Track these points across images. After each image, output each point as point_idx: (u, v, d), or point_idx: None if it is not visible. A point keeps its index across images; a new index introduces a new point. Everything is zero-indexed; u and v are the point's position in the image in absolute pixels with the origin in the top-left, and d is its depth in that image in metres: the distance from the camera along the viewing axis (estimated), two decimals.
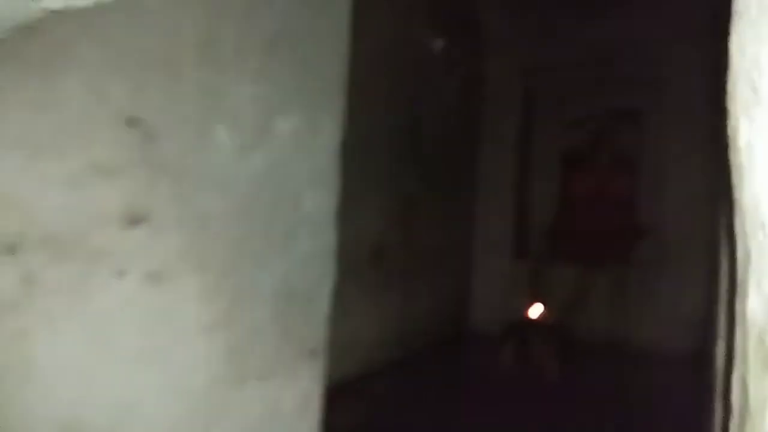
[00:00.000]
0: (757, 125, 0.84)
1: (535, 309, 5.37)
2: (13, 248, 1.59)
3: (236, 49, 2.08)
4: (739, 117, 0.87)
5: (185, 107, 1.95)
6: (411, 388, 4.31)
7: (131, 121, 1.81)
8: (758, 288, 0.81)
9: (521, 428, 3.86)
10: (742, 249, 0.88)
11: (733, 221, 0.92)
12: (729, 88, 0.91)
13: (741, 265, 0.89)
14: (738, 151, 0.88)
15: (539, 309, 5.37)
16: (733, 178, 0.91)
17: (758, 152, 0.83)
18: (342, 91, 2.63)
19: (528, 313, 5.40)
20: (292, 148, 2.37)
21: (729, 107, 0.91)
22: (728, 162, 0.93)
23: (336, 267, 2.54)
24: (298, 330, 2.30)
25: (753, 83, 0.83)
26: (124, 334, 1.81)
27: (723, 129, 0.95)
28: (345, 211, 2.64)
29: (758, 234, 0.82)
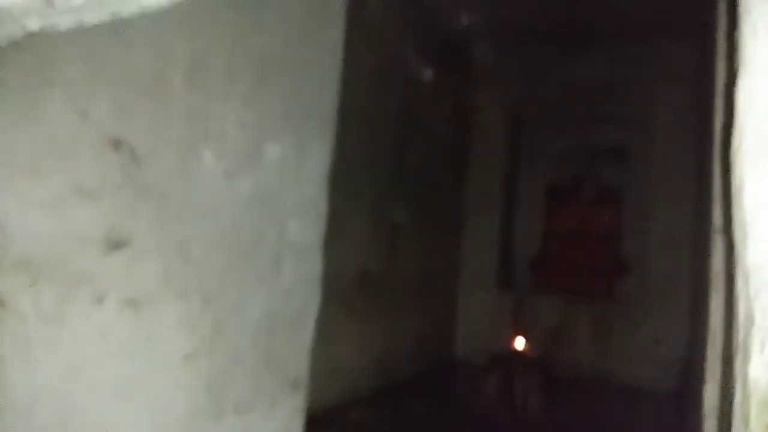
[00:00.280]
0: (765, 183, 0.82)
1: (519, 341, 5.34)
2: None
3: (226, 74, 2.06)
4: (746, 172, 0.86)
5: (172, 130, 1.92)
6: (393, 418, 4.24)
7: (116, 144, 1.77)
8: (762, 353, 0.79)
9: None
10: (744, 309, 0.86)
11: (734, 279, 0.90)
12: (734, 143, 0.89)
13: (742, 326, 0.86)
14: (743, 208, 0.86)
15: (523, 341, 5.35)
16: (736, 235, 0.89)
17: (765, 207, 0.81)
18: (332, 119, 2.62)
19: (512, 345, 5.37)
20: (280, 175, 2.34)
21: (734, 162, 0.89)
22: (729, 216, 0.91)
23: (320, 295, 2.50)
24: (280, 360, 2.25)
25: (762, 137, 0.81)
26: (102, 362, 1.75)
27: (710, 174, 0.93)
28: (330, 238, 2.61)
29: (763, 296, 0.80)
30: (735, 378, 0.91)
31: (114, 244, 1.76)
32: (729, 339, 1.22)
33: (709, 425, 1.89)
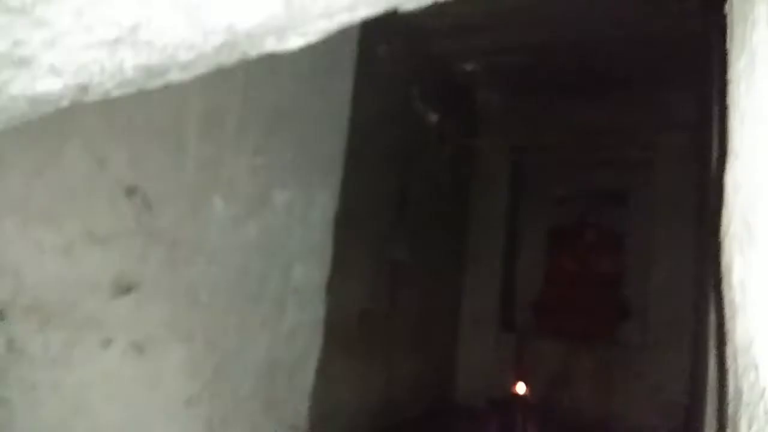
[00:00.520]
0: (751, 265, 0.85)
1: (520, 386, 5.31)
2: (1, 315, 1.57)
3: (238, 125, 2.12)
4: (734, 255, 0.89)
5: (184, 178, 1.97)
6: None
7: (130, 191, 1.83)
8: (750, 429, 0.81)
9: None
10: (734, 386, 0.88)
11: (725, 353, 0.92)
12: (723, 225, 0.93)
13: (732, 402, 0.88)
14: (731, 288, 0.89)
15: (524, 386, 5.31)
16: (726, 312, 0.92)
17: (752, 291, 0.84)
18: (339, 166, 2.68)
19: (513, 389, 5.33)
20: (286, 220, 2.39)
21: (723, 243, 0.92)
22: (720, 294, 0.94)
23: (322, 338, 2.53)
24: (280, 404, 2.26)
25: (747, 223, 0.85)
26: (106, 404, 1.78)
27: (715, 249, 0.96)
28: (332, 279, 2.64)
29: (750, 375, 0.82)
30: None
31: (123, 289, 1.80)
32: (722, 406, 1.24)
33: None
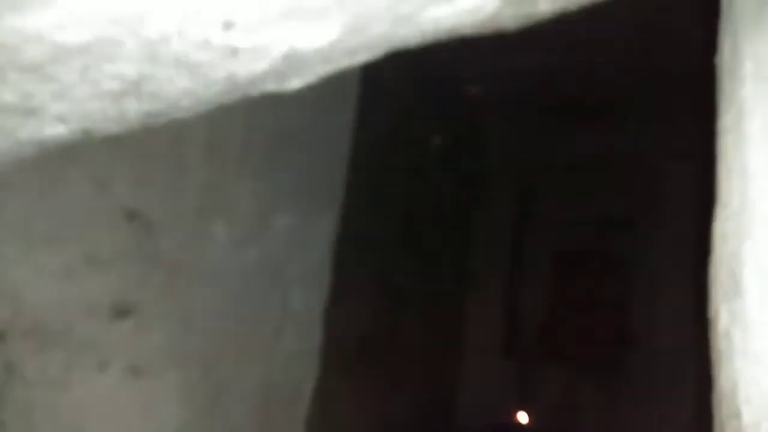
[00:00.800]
0: (735, 315, 0.87)
1: (522, 414, 5.27)
2: (0, 337, 1.59)
3: (240, 150, 2.15)
4: (720, 304, 0.91)
5: (186, 202, 1.99)
6: None
7: (131, 215, 1.85)
8: None
9: None
10: (719, 430, 0.89)
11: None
12: (711, 273, 0.95)
13: None
14: (717, 336, 0.91)
15: (526, 413, 5.27)
16: (712, 359, 0.93)
17: (736, 341, 0.86)
18: (340, 191, 2.69)
19: (515, 417, 5.30)
20: (286, 244, 2.41)
21: (711, 291, 0.94)
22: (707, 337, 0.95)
23: (319, 365, 2.52)
24: (276, 430, 2.26)
25: (733, 274, 0.87)
26: (101, 428, 1.78)
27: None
28: (332, 303, 2.64)
29: (733, 422, 0.84)
30: None
31: (121, 313, 1.82)
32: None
33: None
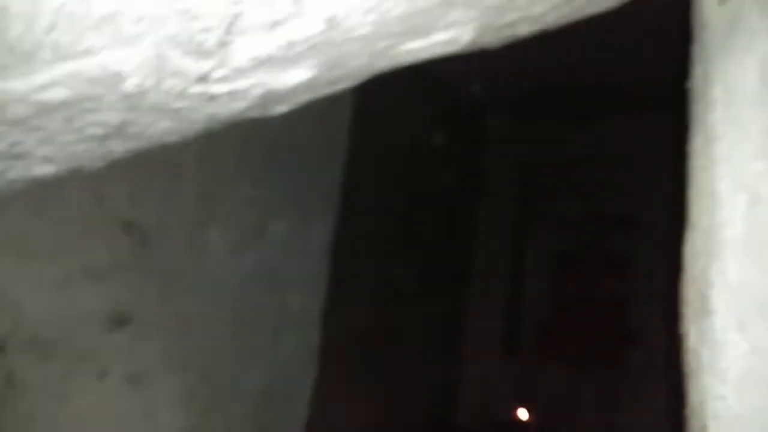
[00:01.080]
0: (703, 333, 0.90)
1: (522, 411, 5.30)
2: (1, 348, 1.62)
3: (235, 159, 2.17)
4: (690, 322, 0.94)
5: (181, 212, 2.02)
6: None
7: (127, 226, 1.88)
8: None
9: None
10: None
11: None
12: (682, 292, 0.98)
13: None
14: (687, 353, 0.94)
15: (526, 412, 5.31)
16: (684, 374, 0.96)
17: (703, 358, 0.89)
18: (336, 195, 2.72)
19: (515, 414, 5.33)
20: (283, 250, 2.43)
21: (682, 309, 0.97)
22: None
23: (318, 367, 2.55)
24: None
25: (701, 294, 0.90)
26: None
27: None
28: (331, 302, 2.67)
29: None
30: None
31: (118, 322, 1.85)
32: None
33: None
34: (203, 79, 0.90)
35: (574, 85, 5.23)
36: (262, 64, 0.90)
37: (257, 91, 0.99)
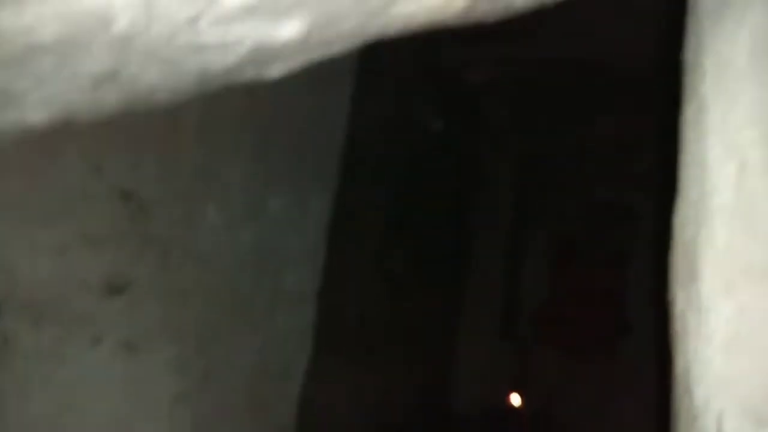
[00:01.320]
0: (690, 299, 0.92)
1: (517, 397, 5.33)
2: None
3: (235, 132, 2.18)
4: (677, 288, 0.95)
5: (180, 183, 2.03)
6: None
7: (125, 195, 1.88)
8: None
9: None
10: (673, 409, 0.94)
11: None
12: (671, 259, 0.99)
13: (672, 425, 0.94)
14: (674, 318, 0.96)
15: (520, 397, 5.34)
16: (670, 341, 0.97)
17: (689, 323, 0.92)
18: (335, 172, 2.72)
19: (509, 400, 5.36)
20: (281, 226, 2.44)
21: (670, 277, 0.98)
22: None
23: (313, 344, 2.57)
24: (269, 408, 2.31)
25: (689, 260, 0.91)
26: (95, 401, 1.83)
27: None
28: (328, 285, 2.68)
29: (685, 400, 0.88)
30: None
31: (115, 289, 1.86)
32: None
33: None
34: (192, 24, 0.90)
35: (574, 75, 5.22)
36: (251, 13, 0.90)
37: (248, 44, 0.99)
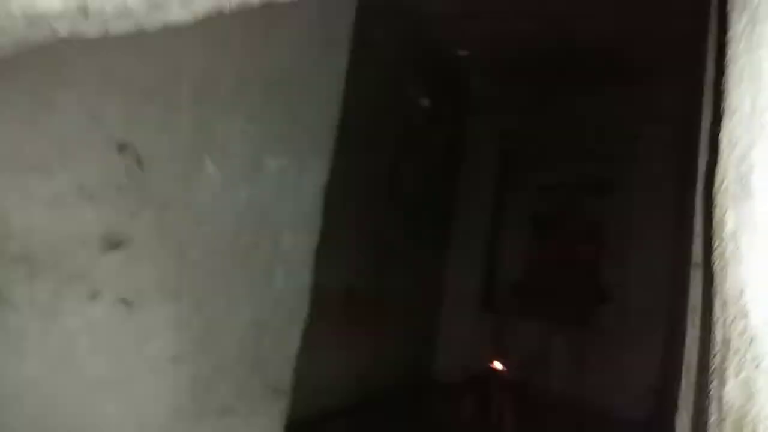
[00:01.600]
0: (743, 217, 0.87)
1: (497, 363, 5.41)
2: None
3: (233, 90, 2.12)
4: (727, 209, 0.91)
5: (178, 139, 1.97)
6: None
7: (122, 147, 1.83)
8: (737, 376, 0.83)
9: None
10: (722, 336, 0.90)
11: (712, 308, 0.95)
12: (716, 181, 0.95)
13: (719, 352, 0.91)
14: (723, 241, 0.92)
15: (501, 363, 5.41)
16: (716, 266, 0.94)
17: (743, 243, 0.87)
18: (331, 136, 2.68)
19: (490, 367, 5.43)
20: (278, 187, 2.40)
21: (716, 198, 0.95)
22: (709, 249, 0.96)
23: (308, 306, 2.55)
24: (265, 367, 2.29)
25: (741, 177, 0.87)
26: (91, 357, 1.79)
27: (691, 210, 0.99)
28: (320, 253, 2.66)
29: (739, 323, 0.84)
30: (710, 401, 0.96)
31: (112, 244, 1.81)
32: (704, 367, 1.27)
33: None
34: None
35: (561, 52, 5.23)
36: None
37: None
